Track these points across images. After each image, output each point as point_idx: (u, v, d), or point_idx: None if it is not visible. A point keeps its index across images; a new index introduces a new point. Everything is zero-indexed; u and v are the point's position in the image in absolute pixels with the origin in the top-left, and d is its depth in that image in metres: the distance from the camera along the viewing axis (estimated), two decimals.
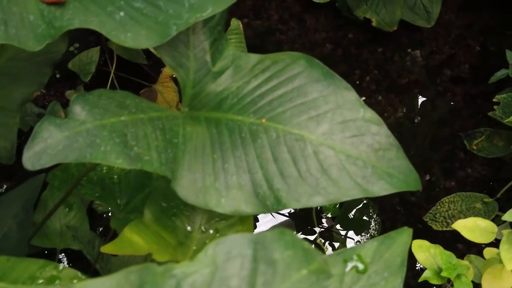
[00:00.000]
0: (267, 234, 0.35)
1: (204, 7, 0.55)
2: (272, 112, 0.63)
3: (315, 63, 0.65)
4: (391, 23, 1.44)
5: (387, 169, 0.62)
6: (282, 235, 0.35)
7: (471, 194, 1.22)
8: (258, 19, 1.54)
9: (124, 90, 0.62)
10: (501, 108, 1.14)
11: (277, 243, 0.35)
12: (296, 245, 0.36)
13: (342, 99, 0.63)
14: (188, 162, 0.60)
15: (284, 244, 0.36)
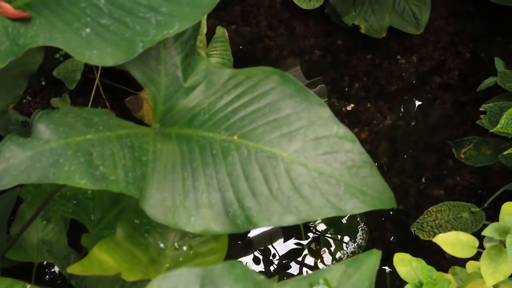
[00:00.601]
0: (216, 267, 0.34)
1: (171, 24, 0.54)
2: (244, 128, 0.62)
3: (288, 78, 0.64)
4: (380, 30, 1.43)
5: (360, 187, 0.61)
6: (232, 268, 0.34)
7: (459, 204, 1.21)
8: (247, 25, 1.53)
9: (92, 108, 0.61)
10: (488, 117, 1.13)
11: (227, 277, 0.34)
12: (247, 278, 0.35)
13: (315, 116, 0.62)
14: (157, 180, 0.59)
15: (234, 277, 0.35)
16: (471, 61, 1.50)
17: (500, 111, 1.12)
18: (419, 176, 1.38)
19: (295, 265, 1.30)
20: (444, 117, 1.44)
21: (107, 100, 1.34)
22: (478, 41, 1.52)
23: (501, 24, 1.51)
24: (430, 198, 1.35)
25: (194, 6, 0.55)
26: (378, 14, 1.42)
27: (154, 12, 0.55)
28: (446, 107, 1.45)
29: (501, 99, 1.29)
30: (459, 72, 1.49)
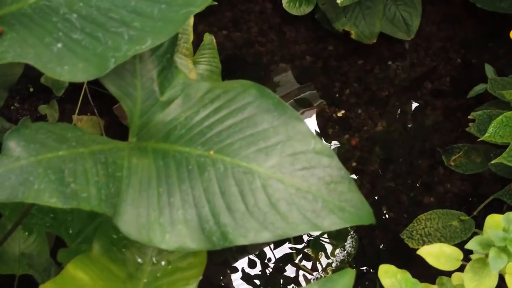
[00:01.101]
0: None
1: (144, 39, 0.54)
2: (221, 143, 0.61)
3: (266, 92, 0.63)
4: (371, 36, 1.42)
5: (338, 202, 0.60)
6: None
7: (448, 212, 1.20)
8: (237, 31, 1.52)
9: (65, 123, 0.60)
10: (476, 125, 1.12)
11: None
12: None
13: (293, 130, 0.61)
14: (132, 196, 0.58)
15: None
16: (463, 67, 1.50)
17: (488, 119, 1.11)
18: (410, 183, 1.37)
19: (292, 267, 1.29)
20: (435, 123, 1.43)
21: (95, 107, 1.33)
22: (470, 47, 1.51)
23: (492, 30, 1.50)
24: (420, 206, 1.35)
25: (167, 21, 0.54)
26: (368, 20, 1.41)
27: (127, 27, 0.54)
28: (437, 114, 1.44)
29: (491, 106, 1.28)
30: (451, 78, 1.48)
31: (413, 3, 1.43)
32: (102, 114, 1.34)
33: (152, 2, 0.55)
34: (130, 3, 0.55)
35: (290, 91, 1.50)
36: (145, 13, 0.55)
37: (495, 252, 0.72)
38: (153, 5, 0.55)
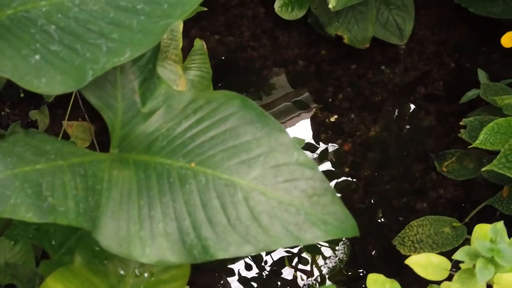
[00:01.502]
0: None
1: (122, 52, 0.53)
2: (202, 155, 0.61)
3: (249, 103, 0.62)
4: (363, 40, 1.41)
5: (321, 215, 0.59)
6: None
7: (440, 218, 1.20)
8: (230, 35, 1.52)
9: (45, 135, 0.60)
10: (468, 131, 1.12)
11: None
12: None
13: (276, 142, 0.61)
14: (112, 209, 0.58)
15: None
16: (456, 72, 1.49)
17: (480, 126, 1.11)
18: (403, 189, 1.36)
19: (289, 269, 1.29)
20: (428, 128, 1.43)
21: (86, 112, 1.32)
22: (463, 51, 1.51)
23: (486, 34, 1.49)
24: (413, 211, 1.34)
25: (146, 33, 0.53)
26: (361, 25, 1.41)
27: (105, 38, 0.54)
28: (431, 118, 1.44)
29: (484, 112, 1.28)
30: (444, 83, 1.48)
31: (406, 8, 1.43)
32: (93, 119, 1.33)
33: (131, 13, 0.54)
34: (108, 14, 0.54)
35: (288, 92, 1.49)
36: (123, 24, 0.54)
37: (482, 263, 0.71)
38: (132, 16, 0.54)
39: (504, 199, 1.10)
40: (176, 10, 0.53)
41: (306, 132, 1.44)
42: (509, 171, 0.98)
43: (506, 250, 0.71)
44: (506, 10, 1.27)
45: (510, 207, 1.09)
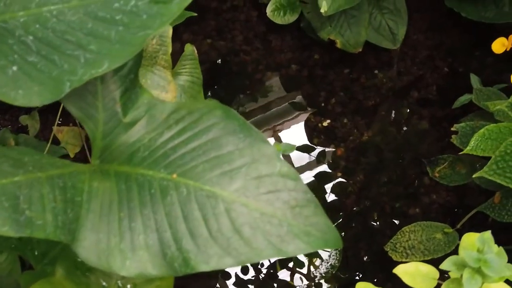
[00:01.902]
0: None
1: (100, 63, 0.52)
2: (184, 166, 0.60)
3: (231, 114, 0.62)
4: (356, 45, 1.41)
5: (304, 227, 0.59)
6: None
7: (432, 224, 1.19)
8: (222, 39, 1.51)
9: (23, 147, 0.59)
10: (459, 137, 1.11)
11: None
12: None
13: (258, 153, 0.60)
14: (92, 221, 0.57)
15: None
16: (450, 76, 1.48)
17: (471, 132, 1.10)
18: (395, 194, 1.35)
19: (286, 271, 1.28)
20: (421, 133, 1.42)
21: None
22: (457, 56, 1.50)
23: (479, 38, 1.48)
24: (405, 217, 1.33)
25: (124, 44, 0.53)
26: (354, 29, 1.40)
27: (83, 50, 0.53)
28: (424, 123, 1.43)
29: (476, 117, 1.27)
30: (437, 87, 1.47)
31: (399, 12, 1.42)
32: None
33: (109, 24, 0.53)
34: (87, 25, 0.53)
35: (282, 96, 1.48)
36: (102, 35, 0.53)
37: (469, 273, 0.70)
38: (111, 27, 0.53)
39: (495, 205, 1.10)
40: (155, 21, 0.53)
41: (303, 134, 1.43)
42: (499, 177, 0.97)
43: (494, 261, 0.70)
44: (499, 14, 1.26)
45: (502, 214, 1.08)
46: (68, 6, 0.54)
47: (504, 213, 1.08)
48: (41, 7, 0.54)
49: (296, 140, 1.43)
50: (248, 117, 1.45)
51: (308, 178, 1.38)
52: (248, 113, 1.45)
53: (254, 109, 1.46)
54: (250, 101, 1.46)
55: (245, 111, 1.45)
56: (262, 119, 1.46)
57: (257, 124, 1.45)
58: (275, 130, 1.45)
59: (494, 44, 1.04)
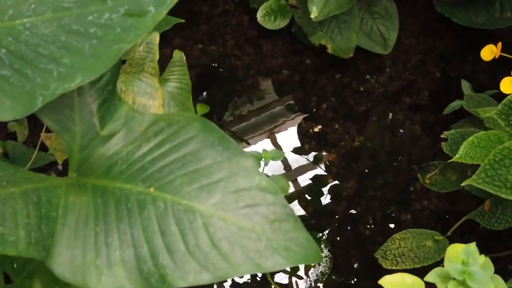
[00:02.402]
0: None
1: (73, 77, 0.51)
2: (162, 180, 0.59)
3: (210, 126, 0.61)
4: (347, 50, 1.40)
5: (283, 242, 0.58)
6: None
7: (422, 231, 1.18)
8: (213, 44, 1.50)
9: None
10: (449, 144, 1.10)
11: None
12: None
13: (237, 166, 0.59)
14: (67, 237, 0.56)
15: None
16: (442, 81, 1.48)
17: (461, 139, 1.09)
18: (387, 200, 1.35)
19: (283, 274, 1.27)
20: (413, 138, 1.41)
21: None
22: (449, 60, 1.49)
23: (472, 43, 1.48)
24: (397, 223, 1.33)
25: (98, 57, 0.52)
26: (345, 34, 1.39)
27: (56, 63, 0.52)
28: (416, 128, 1.42)
29: (468, 123, 1.26)
30: (429, 92, 1.46)
31: (390, 17, 1.41)
32: None
33: (83, 37, 0.53)
34: (60, 38, 0.53)
35: (277, 98, 1.48)
36: (75, 49, 0.52)
37: (454, 285, 0.70)
38: (84, 40, 0.52)
39: (485, 213, 1.09)
40: (129, 34, 0.52)
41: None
42: (488, 186, 0.96)
43: (478, 273, 0.69)
44: (490, 20, 1.26)
45: (491, 222, 1.07)
46: (42, 19, 0.53)
47: (494, 221, 1.07)
48: (14, 20, 0.53)
49: (294, 142, 1.42)
50: (242, 120, 1.44)
51: (304, 180, 1.38)
52: (243, 116, 1.44)
53: (250, 112, 1.45)
54: (241, 106, 1.46)
55: (241, 114, 1.44)
56: (258, 121, 1.45)
57: (253, 126, 1.44)
58: (272, 132, 1.44)
59: (483, 51, 1.03)
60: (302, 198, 1.35)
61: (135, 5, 0.52)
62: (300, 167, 1.40)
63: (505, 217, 1.06)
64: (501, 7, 1.26)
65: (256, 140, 1.42)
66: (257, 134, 1.44)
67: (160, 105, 1.09)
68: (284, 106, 1.46)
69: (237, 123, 1.44)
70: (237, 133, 1.43)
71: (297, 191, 1.36)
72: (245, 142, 1.41)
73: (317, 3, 1.27)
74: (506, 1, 1.24)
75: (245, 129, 1.44)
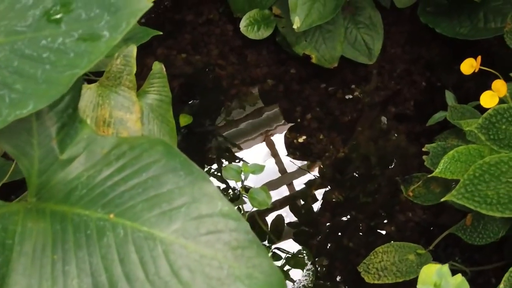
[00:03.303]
0: None
1: (25, 104, 0.50)
2: (122, 206, 0.58)
3: (173, 150, 0.59)
4: (332, 60, 1.39)
5: (246, 269, 0.56)
6: None
7: (405, 245, 1.17)
8: (197, 54, 1.49)
9: None
10: (430, 158, 1.09)
11: None
12: None
13: (199, 192, 0.58)
14: (23, 265, 0.55)
15: None
16: (427, 91, 1.46)
17: (442, 152, 1.08)
18: (371, 212, 1.33)
19: None
20: (398, 149, 1.40)
21: None
22: (435, 70, 1.48)
23: (458, 52, 1.47)
24: (381, 235, 1.31)
25: (51, 83, 0.50)
26: (329, 44, 1.38)
27: (8, 89, 0.51)
28: (401, 139, 1.41)
29: (451, 134, 1.25)
30: (415, 102, 1.45)
31: (375, 27, 1.40)
32: None
33: (36, 62, 0.51)
34: (12, 63, 0.51)
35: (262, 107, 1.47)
36: (28, 74, 0.51)
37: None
38: (37, 65, 0.51)
39: (467, 227, 1.08)
40: (83, 59, 0.50)
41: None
42: (468, 201, 0.95)
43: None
44: (473, 30, 1.25)
45: (473, 236, 1.06)
46: None
47: (476, 235, 1.06)
48: None
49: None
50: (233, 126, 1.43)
51: (299, 185, 1.37)
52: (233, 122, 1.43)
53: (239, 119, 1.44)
54: (227, 116, 1.44)
55: (229, 120, 1.42)
56: (250, 126, 1.44)
57: (245, 131, 1.43)
58: (268, 135, 1.42)
59: (463, 65, 1.02)
60: (289, 207, 1.34)
61: (89, 30, 0.51)
62: (295, 172, 1.39)
63: (487, 232, 1.05)
64: (485, 17, 1.25)
65: (250, 144, 1.41)
66: (250, 138, 1.43)
67: (138, 119, 1.07)
68: (274, 112, 1.45)
69: (227, 128, 1.42)
70: (229, 138, 1.42)
71: (286, 198, 1.35)
72: (237, 147, 1.40)
73: (299, 13, 1.26)
74: (490, 11, 1.23)
75: (237, 134, 1.43)
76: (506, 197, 0.94)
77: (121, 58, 1.06)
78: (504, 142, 0.98)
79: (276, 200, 1.34)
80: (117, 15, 0.51)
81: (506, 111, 0.98)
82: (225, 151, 1.40)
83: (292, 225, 1.32)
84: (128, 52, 1.06)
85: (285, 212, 1.34)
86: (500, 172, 0.95)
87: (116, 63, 1.06)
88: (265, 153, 1.41)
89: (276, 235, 1.31)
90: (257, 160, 1.39)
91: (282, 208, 1.34)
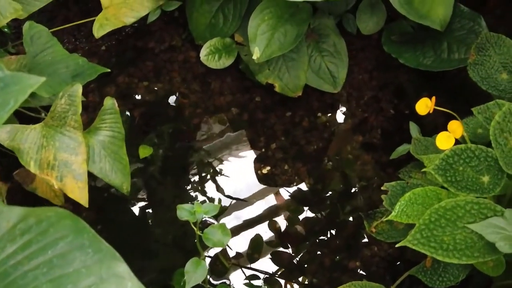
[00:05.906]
0: None
1: None
2: (25, 287, 0.54)
3: (81, 225, 0.55)
4: (295, 89, 1.35)
5: None
6: None
7: (367, 284, 1.13)
8: (159, 81, 1.45)
9: None
10: (389, 197, 1.05)
11: None
12: None
13: (108, 272, 0.54)
14: None
15: None
16: (395, 118, 1.43)
17: (401, 192, 1.05)
18: (335, 246, 1.30)
19: None
20: (364, 179, 1.37)
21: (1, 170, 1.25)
22: (403, 97, 1.45)
23: (427, 79, 1.43)
24: (345, 271, 1.27)
25: None
26: (293, 72, 1.34)
27: None
28: (367, 169, 1.38)
29: (415, 168, 1.22)
30: (382, 131, 1.42)
31: (339, 54, 1.37)
32: (7, 178, 1.26)
33: None
34: None
35: (225, 136, 1.43)
36: None
37: None
38: None
39: (427, 269, 1.04)
40: None
41: None
42: (424, 247, 0.92)
43: None
44: (437, 61, 1.21)
45: (433, 279, 1.02)
46: None
47: (436, 278, 1.02)
48: None
49: None
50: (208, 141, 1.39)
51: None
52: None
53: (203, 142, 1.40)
54: (188, 148, 1.40)
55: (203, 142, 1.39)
56: (224, 142, 1.41)
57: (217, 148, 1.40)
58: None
59: (418, 106, 0.99)
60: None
61: None
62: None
63: (447, 275, 1.01)
64: (448, 47, 1.22)
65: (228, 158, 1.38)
66: (225, 154, 1.40)
67: (84, 160, 1.03)
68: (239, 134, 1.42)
69: (206, 143, 1.39)
70: (210, 151, 1.39)
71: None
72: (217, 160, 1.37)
73: (259, 44, 1.22)
74: (454, 41, 1.20)
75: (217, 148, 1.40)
76: (463, 243, 0.91)
77: (65, 97, 1.02)
78: (462, 184, 0.94)
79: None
80: (5, 91, 0.47)
81: (463, 152, 0.95)
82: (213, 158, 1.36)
83: (251, 260, 1.28)
84: (73, 92, 1.02)
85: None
86: (456, 216, 0.91)
87: (61, 103, 1.02)
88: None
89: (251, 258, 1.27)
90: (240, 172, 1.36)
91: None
